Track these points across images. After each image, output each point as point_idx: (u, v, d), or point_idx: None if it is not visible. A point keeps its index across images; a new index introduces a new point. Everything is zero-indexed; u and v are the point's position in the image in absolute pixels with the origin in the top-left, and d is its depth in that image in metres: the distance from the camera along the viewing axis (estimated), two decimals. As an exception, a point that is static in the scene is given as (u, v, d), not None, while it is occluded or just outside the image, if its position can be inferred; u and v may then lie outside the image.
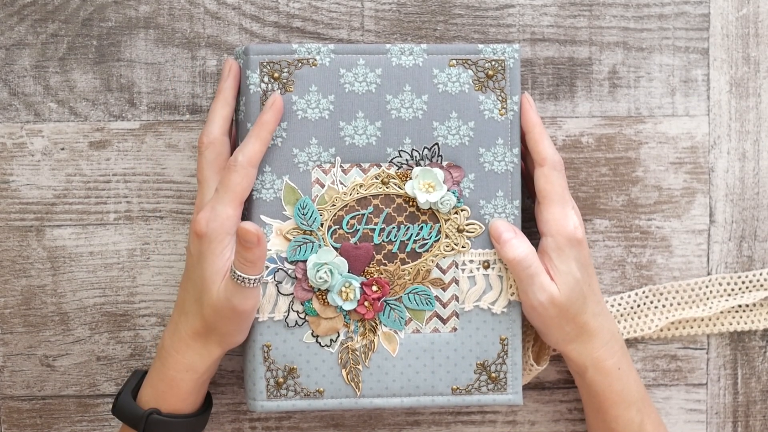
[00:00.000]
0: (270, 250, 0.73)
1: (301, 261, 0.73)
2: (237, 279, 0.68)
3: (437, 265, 0.74)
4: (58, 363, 0.81)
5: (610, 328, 0.75)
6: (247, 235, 0.66)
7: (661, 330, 0.82)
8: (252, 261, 0.67)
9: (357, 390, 0.74)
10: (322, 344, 0.74)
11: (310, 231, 0.73)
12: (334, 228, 0.73)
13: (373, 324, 0.74)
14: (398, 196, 0.74)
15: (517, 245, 0.72)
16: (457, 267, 0.74)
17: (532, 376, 0.79)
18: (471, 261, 0.74)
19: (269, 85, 0.72)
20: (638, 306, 0.82)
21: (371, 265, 0.74)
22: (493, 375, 0.75)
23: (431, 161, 0.74)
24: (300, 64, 0.72)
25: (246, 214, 0.73)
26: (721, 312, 0.82)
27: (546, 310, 0.72)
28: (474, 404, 0.76)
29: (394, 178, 0.73)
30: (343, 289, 0.73)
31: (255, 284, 0.69)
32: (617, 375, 0.74)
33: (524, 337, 0.79)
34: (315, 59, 0.73)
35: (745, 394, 0.83)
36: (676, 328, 0.82)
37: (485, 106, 0.74)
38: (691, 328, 0.82)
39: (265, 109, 0.71)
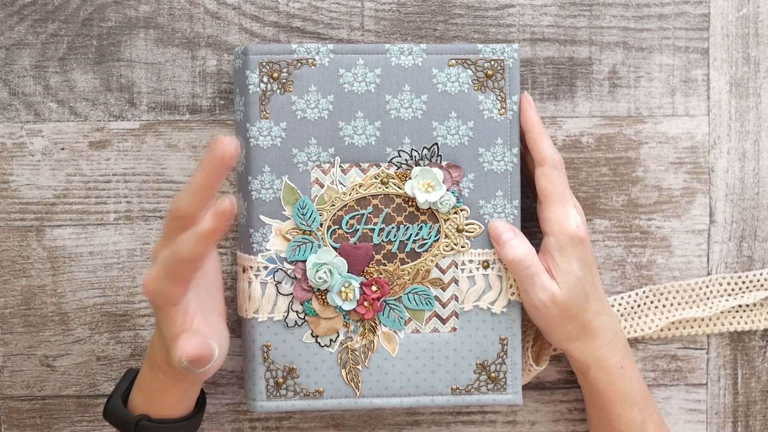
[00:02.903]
0: (270, 250, 0.73)
1: (301, 261, 0.73)
2: (183, 366, 0.65)
3: (437, 265, 0.74)
4: (58, 363, 0.81)
5: (613, 326, 0.75)
6: (190, 359, 0.63)
7: (661, 330, 0.82)
8: (197, 366, 0.65)
9: (357, 390, 0.74)
10: (322, 344, 0.74)
11: (310, 231, 0.73)
12: (333, 228, 0.73)
13: (373, 324, 0.74)
14: (398, 196, 0.74)
15: (517, 245, 0.72)
16: (456, 267, 0.74)
17: (532, 377, 0.79)
18: (470, 261, 0.74)
19: (269, 85, 0.72)
20: (638, 306, 0.82)
21: (371, 265, 0.74)
22: (493, 375, 0.75)
23: (430, 161, 0.74)
24: (299, 64, 0.72)
25: (244, 215, 0.73)
26: (721, 312, 0.82)
27: (548, 309, 0.72)
28: (474, 404, 0.76)
29: (393, 178, 0.73)
30: (343, 289, 0.73)
31: (208, 369, 0.66)
32: (620, 374, 0.74)
33: (524, 338, 0.79)
34: (314, 59, 0.73)
35: (745, 394, 0.83)
36: (677, 328, 0.82)
37: (484, 105, 0.74)
38: (691, 328, 0.82)
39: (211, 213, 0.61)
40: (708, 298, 0.82)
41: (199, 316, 0.67)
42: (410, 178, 0.73)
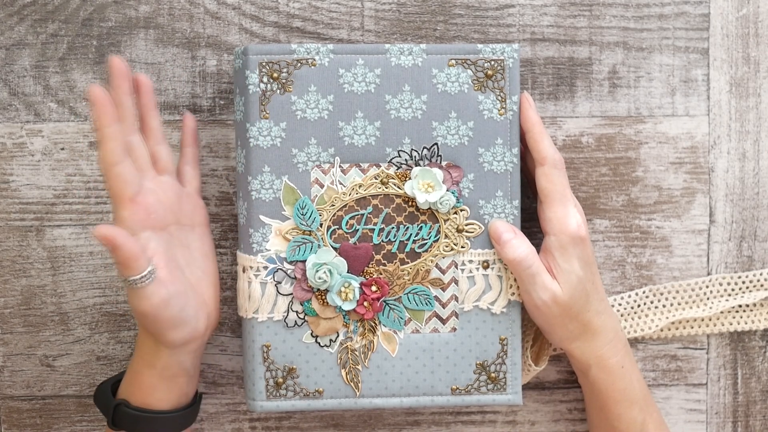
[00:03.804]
0: (269, 250, 0.73)
1: (301, 261, 0.73)
2: (123, 281, 0.67)
3: (436, 265, 0.74)
4: (58, 363, 0.81)
5: (614, 326, 0.75)
6: (99, 240, 0.64)
7: (662, 330, 0.82)
8: (120, 262, 0.65)
9: (356, 390, 0.74)
10: (322, 344, 0.74)
11: (310, 231, 0.73)
12: (333, 228, 0.73)
13: (373, 324, 0.74)
14: (397, 196, 0.74)
15: (517, 245, 0.72)
16: (456, 267, 0.74)
17: (531, 377, 0.79)
18: (470, 261, 0.74)
19: (268, 85, 0.72)
20: (638, 306, 0.82)
21: (370, 265, 0.74)
22: (493, 375, 0.75)
23: (430, 161, 0.74)
24: (299, 64, 0.72)
25: (244, 215, 0.73)
26: (721, 312, 0.82)
27: (549, 309, 0.72)
28: (473, 404, 0.76)
29: (393, 178, 0.73)
30: (343, 289, 0.73)
31: (140, 284, 0.66)
32: (620, 373, 0.74)
33: (523, 338, 0.79)
34: (314, 59, 0.73)
35: (745, 394, 0.83)
36: (677, 328, 0.82)
37: (484, 106, 0.74)
38: (691, 328, 0.82)
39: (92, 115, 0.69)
40: (708, 298, 0.82)
41: (161, 258, 0.68)
42: (410, 179, 0.73)
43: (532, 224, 0.79)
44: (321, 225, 0.73)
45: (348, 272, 0.73)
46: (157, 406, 0.72)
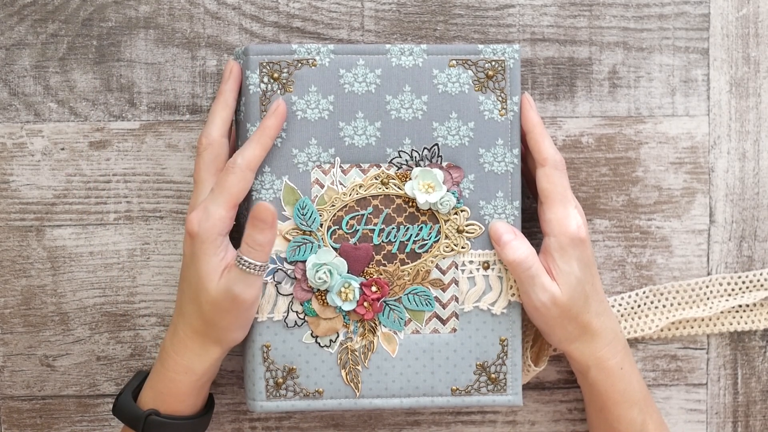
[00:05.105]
0: (270, 250, 0.73)
1: (301, 261, 0.73)
2: (243, 265, 0.68)
3: (437, 266, 0.74)
4: (58, 363, 0.81)
5: (613, 327, 0.75)
6: (263, 213, 0.66)
7: (662, 330, 0.82)
8: (262, 244, 0.67)
9: (356, 390, 0.74)
10: (322, 345, 0.74)
11: (310, 231, 0.73)
12: (333, 228, 0.73)
13: (373, 324, 0.74)
14: (398, 196, 0.74)
15: (518, 247, 0.72)
16: (456, 268, 0.74)
17: (531, 377, 0.79)
18: (471, 262, 0.74)
19: (269, 85, 0.72)
20: (638, 306, 0.82)
21: (371, 266, 0.74)
22: (493, 376, 0.75)
23: (431, 162, 0.74)
24: (299, 64, 0.72)
25: (244, 216, 0.73)
26: (721, 312, 0.82)
27: (548, 310, 0.72)
28: (473, 405, 0.76)
29: (393, 179, 0.73)
30: (343, 289, 0.73)
31: (260, 272, 0.68)
32: (620, 375, 0.74)
33: (523, 338, 0.79)
34: (314, 59, 0.72)
35: (745, 394, 0.83)
36: (677, 328, 0.82)
37: (485, 106, 0.73)
38: (692, 328, 0.82)
39: (269, 114, 0.70)
40: (708, 298, 0.82)
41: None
42: (410, 179, 0.73)
43: (532, 225, 0.79)
44: (321, 225, 0.73)
45: (348, 273, 0.73)
46: (187, 412, 0.73)
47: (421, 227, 0.74)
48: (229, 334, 0.71)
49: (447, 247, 0.74)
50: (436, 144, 0.73)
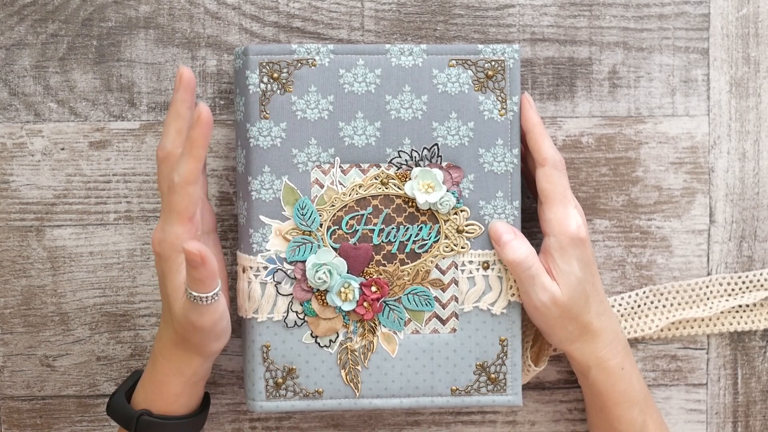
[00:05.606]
0: (269, 250, 0.73)
1: (300, 261, 0.73)
2: (190, 297, 0.67)
3: (437, 266, 0.74)
4: (58, 363, 0.81)
5: (614, 327, 0.75)
6: (189, 256, 0.64)
7: (662, 330, 0.82)
8: (200, 279, 0.65)
9: (356, 390, 0.74)
10: (321, 345, 0.74)
11: (309, 231, 0.73)
12: (333, 228, 0.73)
13: (373, 325, 0.74)
14: (398, 196, 0.74)
15: (517, 247, 0.72)
16: (456, 268, 0.74)
17: (531, 377, 0.79)
18: (470, 262, 0.74)
19: (268, 85, 0.72)
20: (638, 306, 0.82)
21: (370, 266, 0.74)
22: (493, 376, 0.75)
23: (431, 162, 0.74)
24: (299, 64, 0.72)
25: (244, 215, 0.73)
26: (721, 312, 0.82)
27: (548, 310, 0.72)
28: (473, 405, 0.76)
29: (393, 179, 0.73)
30: (342, 289, 0.73)
31: (209, 301, 0.67)
32: (620, 375, 0.74)
33: (523, 338, 0.79)
34: (314, 59, 0.72)
35: (745, 394, 0.83)
36: (677, 328, 0.82)
37: (485, 106, 0.73)
38: (692, 328, 0.82)
39: (193, 125, 0.66)
40: (708, 298, 0.82)
41: None
42: (410, 179, 0.73)
43: (532, 225, 0.79)
44: (321, 225, 0.73)
45: (348, 273, 0.73)
46: (180, 411, 0.72)
47: (421, 227, 0.74)
48: (204, 348, 0.71)
49: (447, 247, 0.74)
50: (436, 144, 0.73)
